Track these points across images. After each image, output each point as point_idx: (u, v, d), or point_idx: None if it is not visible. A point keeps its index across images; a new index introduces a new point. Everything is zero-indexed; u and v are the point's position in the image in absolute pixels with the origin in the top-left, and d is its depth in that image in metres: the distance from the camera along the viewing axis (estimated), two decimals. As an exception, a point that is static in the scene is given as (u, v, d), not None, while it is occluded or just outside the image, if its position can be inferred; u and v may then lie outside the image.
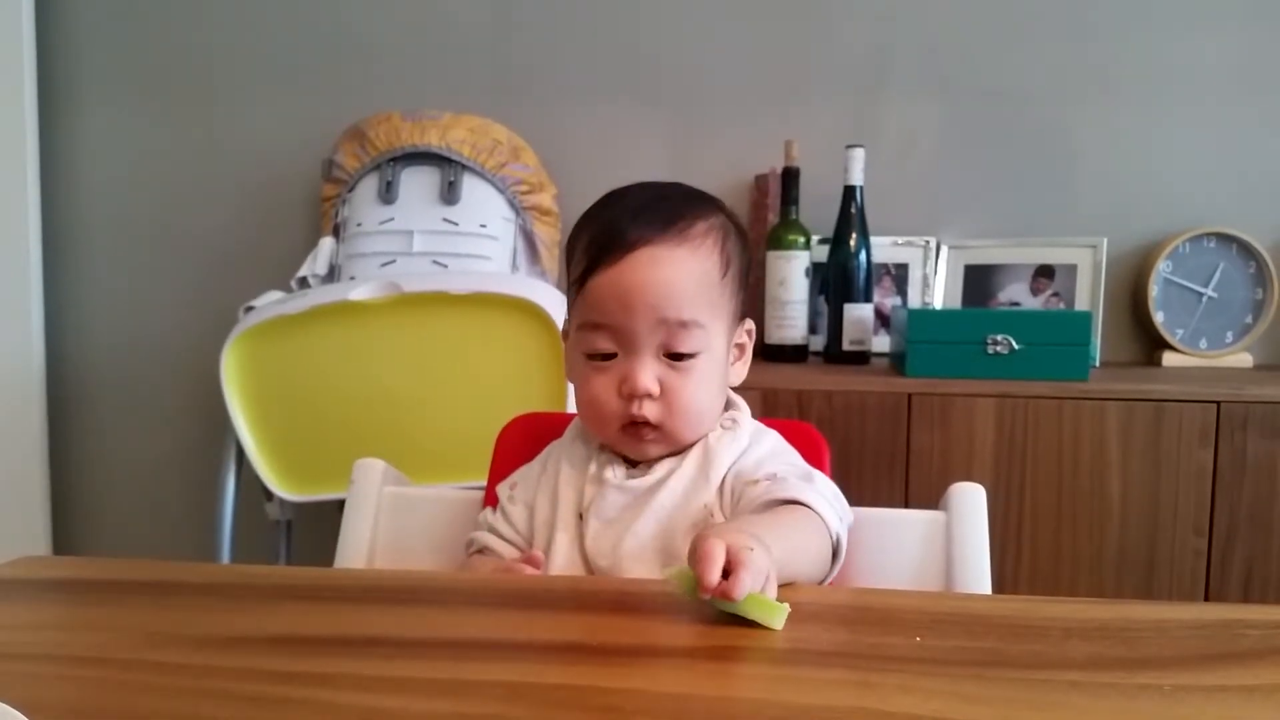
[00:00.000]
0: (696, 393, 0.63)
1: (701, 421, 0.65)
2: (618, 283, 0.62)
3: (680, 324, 0.62)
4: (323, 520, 1.12)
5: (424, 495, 0.75)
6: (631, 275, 0.62)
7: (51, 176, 1.66)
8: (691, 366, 0.63)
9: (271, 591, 0.53)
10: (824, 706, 0.37)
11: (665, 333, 0.62)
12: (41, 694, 0.39)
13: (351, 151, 1.37)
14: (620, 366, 0.63)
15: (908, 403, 1.15)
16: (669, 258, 0.62)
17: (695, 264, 0.63)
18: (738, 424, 0.67)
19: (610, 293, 0.62)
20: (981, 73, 1.47)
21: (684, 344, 0.62)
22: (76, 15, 1.65)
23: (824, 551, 0.59)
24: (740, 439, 0.66)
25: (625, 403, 0.63)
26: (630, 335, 0.62)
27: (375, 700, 0.38)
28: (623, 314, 0.62)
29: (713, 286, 0.64)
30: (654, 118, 1.54)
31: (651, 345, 0.62)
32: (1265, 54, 1.42)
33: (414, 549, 0.71)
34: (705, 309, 0.63)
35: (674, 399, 0.63)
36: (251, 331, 1.18)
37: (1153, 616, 0.48)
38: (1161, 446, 1.12)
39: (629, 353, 0.63)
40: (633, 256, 0.62)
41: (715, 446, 0.65)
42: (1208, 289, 1.39)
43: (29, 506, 1.62)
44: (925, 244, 1.46)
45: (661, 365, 0.63)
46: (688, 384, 0.63)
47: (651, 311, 0.61)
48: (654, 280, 0.62)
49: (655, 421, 0.63)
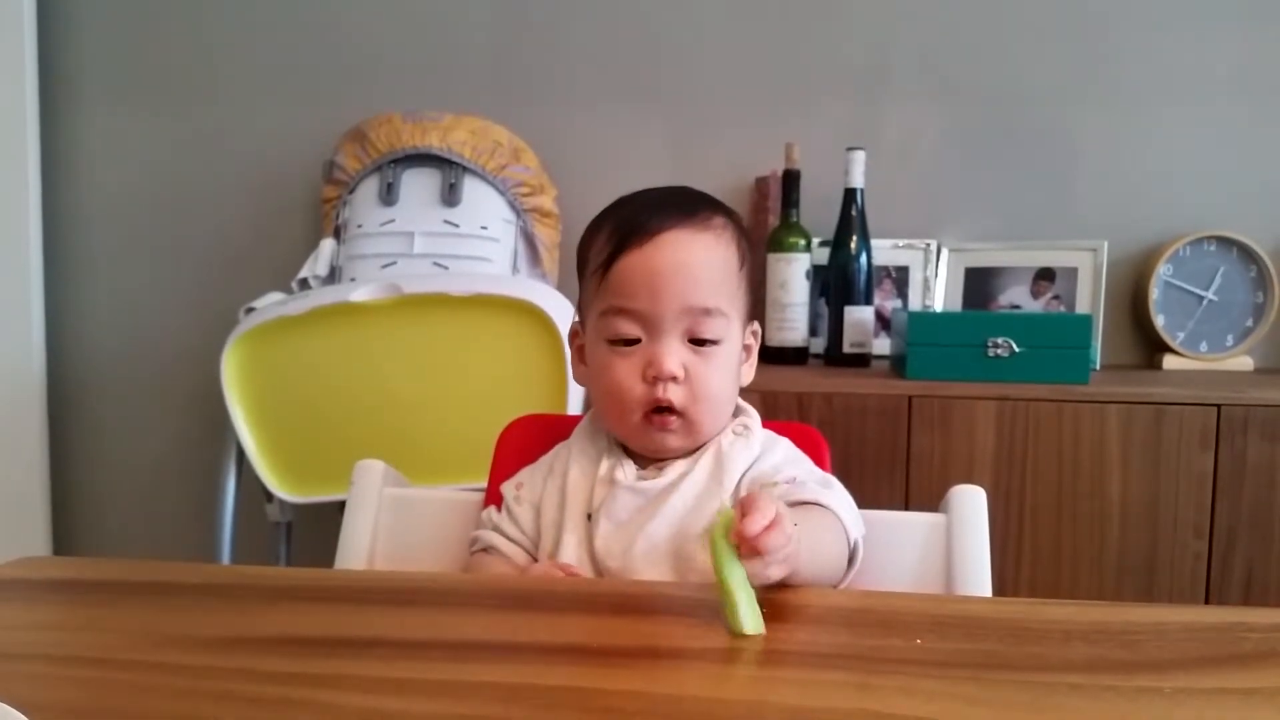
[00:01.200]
0: (719, 379, 0.64)
1: (721, 412, 0.66)
2: (646, 265, 0.63)
3: (705, 310, 0.63)
4: (323, 521, 1.12)
5: (424, 496, 0.75)
6: (660, 257, 0.63)
7: (53, 177, 1.66)
8: (714, 353, 0.64)
9: (271, 592, 0.53)
10: (825, 708, 0.37)
11: (690, 318, 0.63)
12: (42, 694, 0.39)
13: (352, 153, 1.37)
14: (644, 351, 0.63)
15: (908, 405, 1.15)
16: (696, 242, 0.63)
17: (719, 252, 0.64)
18: (750, 430, 0.67)
19: (638, 275, 0.63)
20: (982, 76, 1.48)
21: (708, 330, 0.63)
22: (78, 16, 1.65)
23: (840, 555, 0.60)
24: (753, 446, 0.66)
25: (649, 388, 0.63)
26: (656, 319, 0.63)
27: (375, 701, 0.38)
28: (649, 297, 0.63)
29: (732, 277, 0.65)
30: (655, 120, 1.54)
31: (677, 330, 0.63)
32: (1266, 57, 1.42)
33: (414, 550, 0.71)
34: (726, 298, 0.64)
35: (698, 384, 0.63)
36: (252, 332, 1.18)
37: (1153, 619, 0.48)
38: (1162, 449, 1.12)
39: (654, 337, 0.63)
40: (660, 239, 0.63)
41: (728, 452, 0.65)
42: (1208, 292, 1.39)
43: (29, 507, 1.62)
44: (926, 247, 1.46)
45: (686, 350, 0.63)
46: (711, 370, 0.64)
47: (679, 296, 0.62)
48: (683, 262, 0.63)
49: (679, 407, 0.63)
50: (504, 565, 0.66)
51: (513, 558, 0.66)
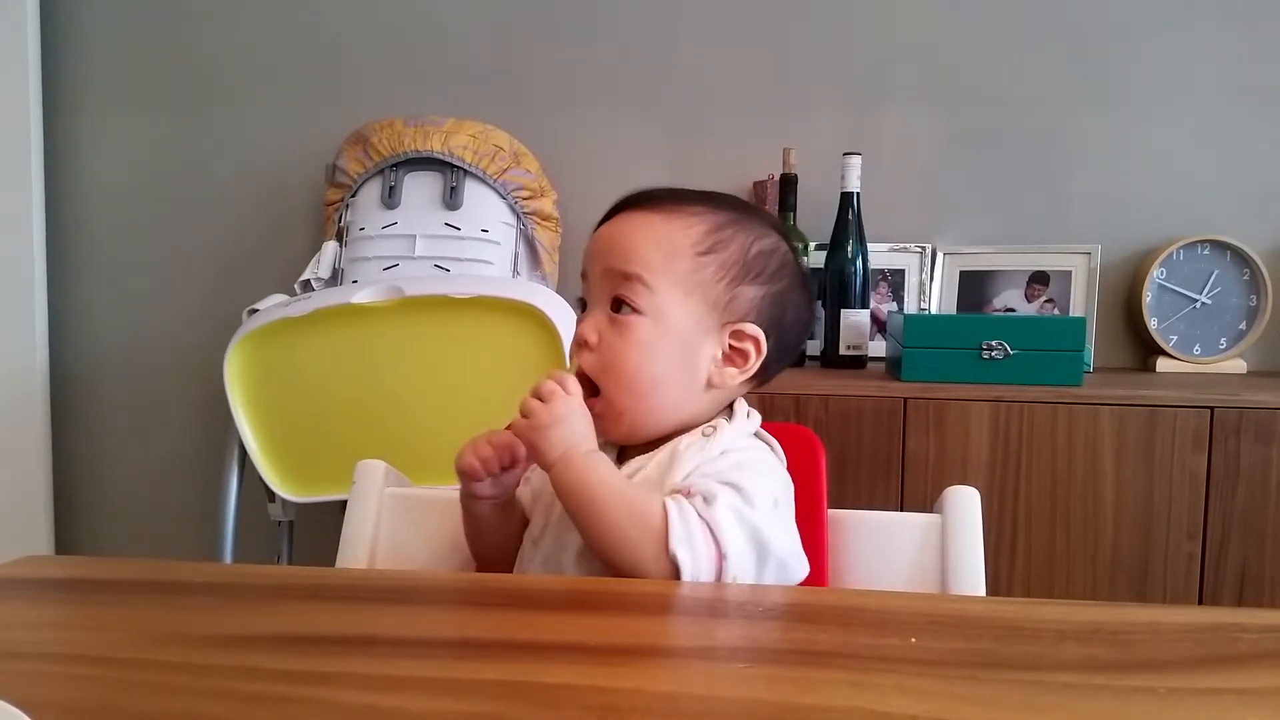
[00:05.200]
0: (632, 354, 0.60)
1: (643, 394, 0.61)
2: (593, 236, 0.65)
3: (623, 275, 0.61)
4: (324, 521, 1.12)
5: (425, 496, 0.75)
6: (604, 229, 0.64)
7: (56, 180, 1.66)
8: (629, 322, 0.61)
9: (273, 591, 0.53)
10: (820, 706, 0.37)
11: (611, 284, 0.62)
12: (44, 693, 0.39)
13: (355, 157, 1.38)
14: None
15: (903, 407, 1.16)
16: (640, 220, 0.63)
17: (663, 229, 0.62)
18: (717, 432, 0.62)
19: (587, 246, 0.65)
20: (977, 82, 1.49)
21: (626, 295, 0.61)
22: (81, 20, 1.66)
23: (632, 535, 0.55)
24: (711, 448, 0.61)
25: (575, 355, 0.63)
26: (589, 285, 0.64)
27: (375, 699, 0.38)
28: (587, 262, 0.64)
29: (677, 255, 0.61)
30: (654, 124, 1.55)
31: (602, 298, 0.63)
32: (1259, 62, 1.43)
33: (415, 550, 0.71)
34: (658, 272, 0.61)
35: (607, 353, 0.61)
36: (255, 334, 1.18)
37: (1147, 619, 0.48)
38: (1155, 451, 1.13)
39: (588, 306, 0.64)
40: (619, 216, 0.64)
41: (684, 453, 0.61)
42: (1201, 295, 1.40)
43: (32, 506, 1.62)
44: (921, 250, 1.47)
45: (606, 319, 0.62)
46: (623, 341, 0.61)
47: (601, 259, 0.63)
48: (619, 232, 0.63)
49: (592, 376, 0.62)
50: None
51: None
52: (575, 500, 0.57)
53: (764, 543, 0.57)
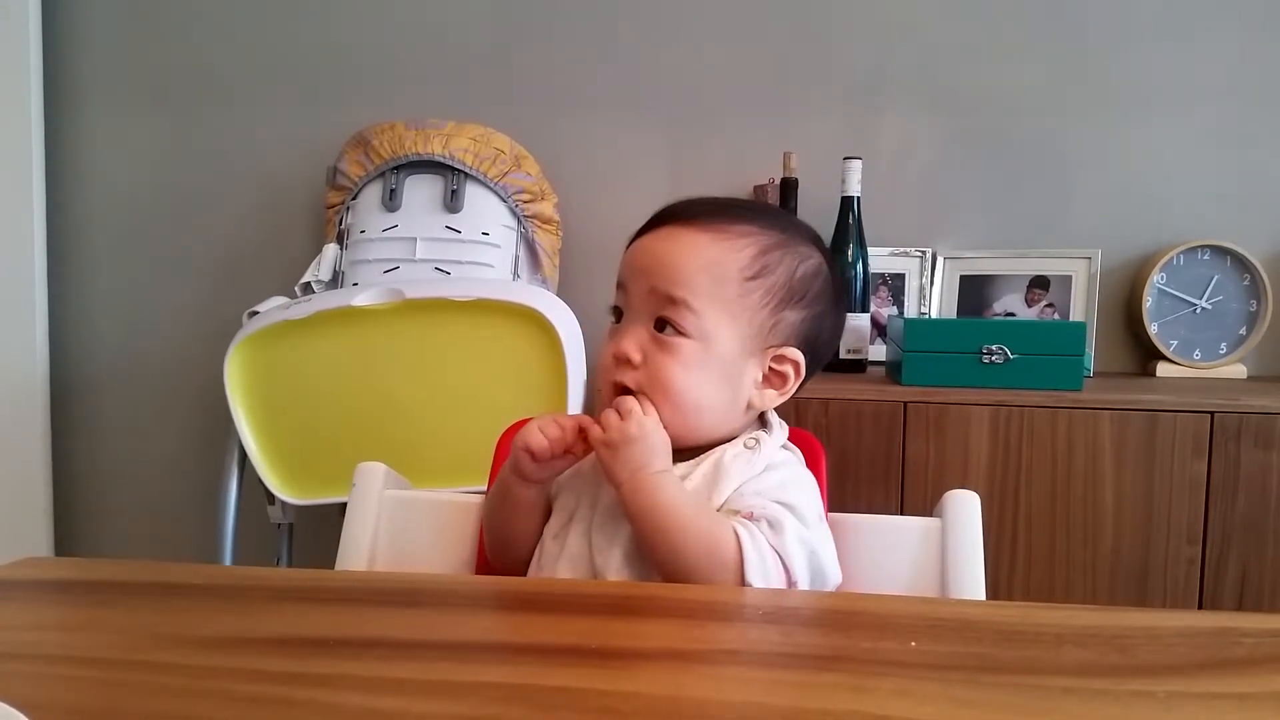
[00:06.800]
0: (678, 373, 0.61)
1: (687, 414, 0.62)
2: (639, 247, 0.64)
3: (669, 298, 0.61)
4: (324, 523, 1.12)
5: (425, 499, 0.75)
6: (651, 242, 0.64)
7: (57, 182, 1.67)
8: (676, 344, 0.61)
9: (273, 593, 0.53)
10: (820, 710, 0.37)
11: (655, 302, 0.62)
12: (43, 694, 0.39)
13: (356, 159, 1.38)
14: (618, 331, 0.64)
15: (903, 411, 1.16)
16: (686, 237, 0.63)
17: (711, 251, 0.62)
18: (760, 445, 0.63)
19: (632, 256, 0.64)
20: (977, 86, 1.49)
21: (672, 318, 0.62)
22: (83, 22, 1.66)
23: (706, 565, 0.57)
24: (755, 462, 0.62)
25: (614, 368, 0.63)
26: (629, 298, 0.64)
27: (375, 701, 0.38)
28: (628, 275, 0.64)
29: (725, 280, 0.62)
30: (654, 128, 1.55)
31: (644, 315, 0.63)
32: (1259, 67, 1.43)
33: (414, 552, 0.71)
34: (705, 297, 0.61)
35: (653, 371, 0.61)
36: (255, 336, 1.18)
37: (1146, 624, 0.48)
38: (1155, 456, 1.13)
39: (626, 319, 0.64)
40: (662, 229, 0.64)
41: (729, 464, 0.62)
42: (1202, 300, 1.40)
43: (32, 508, 1.62)
44: (921, 254, 1.47)
45: (649, 337, 0.62)
46: (668, 360, 0.61)
47: (647, 277, 0.62)
48: (665, 250, 0.63)
49: (636, 391, 0.62)
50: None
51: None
52: (647, 524, 0.58)
53: (820, 563, 0.60)
